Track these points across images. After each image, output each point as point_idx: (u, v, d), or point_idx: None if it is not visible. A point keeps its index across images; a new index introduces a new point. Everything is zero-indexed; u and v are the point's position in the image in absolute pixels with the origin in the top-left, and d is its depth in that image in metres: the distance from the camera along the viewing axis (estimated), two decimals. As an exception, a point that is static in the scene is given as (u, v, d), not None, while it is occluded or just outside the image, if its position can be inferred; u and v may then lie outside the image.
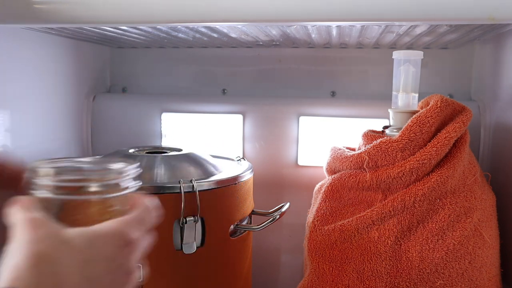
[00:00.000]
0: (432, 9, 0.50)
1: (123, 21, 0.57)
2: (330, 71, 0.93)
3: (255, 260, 0.75)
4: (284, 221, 0.90)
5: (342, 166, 0.69)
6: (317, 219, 0.67)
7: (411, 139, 0.62)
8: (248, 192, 0.67)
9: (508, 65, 0.74)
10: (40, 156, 0.79)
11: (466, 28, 0.67)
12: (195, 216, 0.57)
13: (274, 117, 0.90)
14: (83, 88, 0.93)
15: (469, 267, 0.61)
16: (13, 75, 0.72)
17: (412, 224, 0.61)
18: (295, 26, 0.68)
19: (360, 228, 0.63)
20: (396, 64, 0.69)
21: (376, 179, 0.63)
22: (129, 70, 1.01)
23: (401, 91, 0.68)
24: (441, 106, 0.63)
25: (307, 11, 0.53)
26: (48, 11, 0.57)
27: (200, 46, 0.94)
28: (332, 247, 0.65)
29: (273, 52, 0.94)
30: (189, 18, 0.56)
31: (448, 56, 0.89)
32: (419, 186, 0.61)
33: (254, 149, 0.91)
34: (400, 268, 0.61)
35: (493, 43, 0.80)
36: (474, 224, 0.62)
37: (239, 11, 0.54)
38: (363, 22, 0.57)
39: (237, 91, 0.97)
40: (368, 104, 0.87)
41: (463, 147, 0.63)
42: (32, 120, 0.77)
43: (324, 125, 0.88)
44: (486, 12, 0.50)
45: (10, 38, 0.71)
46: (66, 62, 0.87)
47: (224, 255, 0.62)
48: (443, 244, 0.60)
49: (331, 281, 0.64)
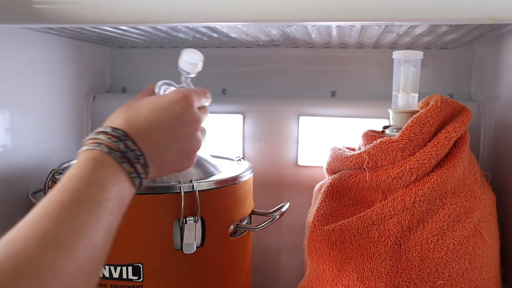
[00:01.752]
0: (432, 9, 0.50)
1: (123, 21, 0.57)
2: (330, 71, 0.93)
3: (255, 260, 0.75)
4: (284, 221, 0.90)
5: (342, 166, 0.69)
6: (317, 219, 0.67)
7: (411, 139, 0.62)
8: (248, 192, 0.67)
9: (508, 65, 0.74)
10: (40, 156, 0.79)
11: (466, 28, 0.66)
12: (195, 216, 0.57)
13: (274, 117, 0.90)
14: (83, 88, 0.93)
15: (469, 267, 0.61)
16: (13, 75, 0.72)
17: (412, 224, 0.61)
18: (295, 26, 0.68)
19: (360, 228, 0.63)
20: (396, 64, 0.69)
21: (376, 179, 0.64)
22: (129, 70, 1.01)
23: (401, 91, 0.68)
24: (441, 106, 0.63)
25: (307, 11, 0.53)
26: (48, 11, 0.57)
27: (200, 46, 0.93)
28: (332, 247, 0.65)
29: (273, 52, 0.94)
30: (189, 18, 0.56)
31: (448, 56, 0.89)
32: (419, 186, 0.61)
33: (254, 149, 0.91)
34: (400, 268, 0.61)
35: (493, 43, 0.80)
36: (474, 224, 0.62)
37: (239, 11, 0.54)
38: (363, 22, 0.57)
39: (237, 91, 0.97)
40: (368, 104, 0.87)
41: (463, 147, 0.63)
42: (32, 120, 0.77)
43: (324, 125, 0.88)
44: (486, 12, 0.50)
45: (10, 38, 0.71)
46: (66, 62, 0.87)
47: (224, 255, 0.62)
48: (443, 244, 0.60)
49: (331, 281, 0.64)
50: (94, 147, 0.39)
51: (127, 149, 0.40)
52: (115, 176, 0.38)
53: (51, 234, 0.30)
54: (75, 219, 0.32)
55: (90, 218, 0.33)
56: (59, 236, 0.30)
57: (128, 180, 0.40)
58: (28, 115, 0.76)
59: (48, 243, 0.30)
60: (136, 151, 0.40)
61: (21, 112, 0.74)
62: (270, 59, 0.95)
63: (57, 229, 0.31)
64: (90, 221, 0.33)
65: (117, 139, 0.40)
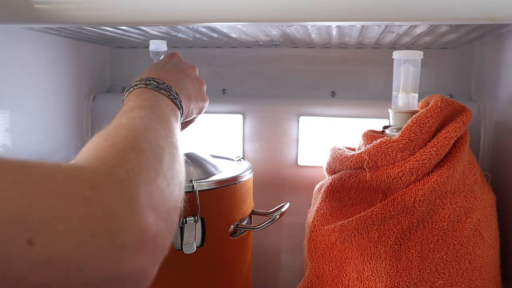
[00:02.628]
0: (432, 9, 0.50)
1: (123, 21, 0.58)
2: (330, 71, 0.93)
3: (255, 260, 0.75)
4: (284, 221, 0.90)
5: (342, 166, 0.69)
6: (317, 219, 0.67)
7: (411, 139, 0.62)
8: (248, 192, 0.67)
9: (508, 65, 0.74)
10: (40, 156, 0.79)
11: (466, 28, 0.66)
12: (195, 216, 0.57)
13: (274, 117, 0.90)
14: (83, 88, 0.93)
15: (469, 267, 0.61)
16: (13, 75, 0.72)
17: (412, 224, 0.61)
18: (295, 26, 0.68)
19: (360, 228, 0.63)
20: (396, 64, 0.69)
21: (376, 179, 0.64)
22: (129, 70, 1.01)
23: (401, 91, 0.68)
24: (441, 106, 0.63)
25: (307, 11, 0.53)
26: (48, 11, 0.57)
27: (200, 46, 0.94)
28: (332, 247, 0.65)
29: (273, 52, 0.94)
30: (189, 18, 0.56)
31: (448, 56, 0.89)
32: (419, 186, 0.61)
33: (254, 149, 0.91)
34: (400, 268, 0.61)
35: (493, 43, 0.80)
36: (474, 224, 0.62)
37: (239, 11, 0.54)
38: (363, 22, 0.57)
39: (237, 91, 0.97)
40: (368, 104, 0.87)
41: (463, 147, 0.63)
42: (32, 120, 0.77)
43: (324, 125, 0.88)
44: (486, 12, 0.50)
45: (10, 38, 0.71)
46: (66, 62, 0.87)
47: (224, 255, 0.62)
48: (443, 244, 0.60)
49: (331, 281, 0.64)
50: (133, 88, 0.49)
51: (158, 83, 0.50)
52: (160, 99, 0.47)
53: (147, 135, 0.36)
54: (157, 129, 0.38)
55: (162, 128, 0.40)
56: (154, 135, 0.36)
57: (171, 101, 0.49)
58: (28, 115, 0.76)
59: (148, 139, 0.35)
60: (165, 84, 0.50)
61: (21, 112, 0.74)
62: (270, 59, 0.95)
63: (148, 132, 0.37)
64: (162, 131, 0.39)
65: (148, 81, 0.50)
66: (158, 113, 0.42)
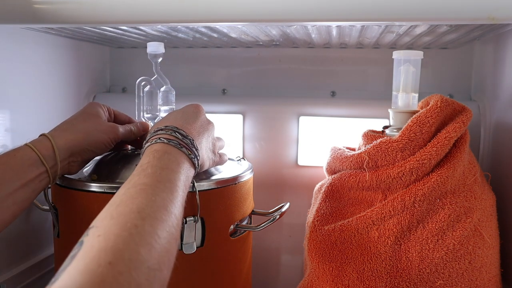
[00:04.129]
0: (432, 9, 0.50)
1: (123, 21, 0.58)
2: (330, 71, 0.93)
3: (255, 260, 0.75)
4: (284, 221, 0.90)
5: (342, 166, 0.69)
6: (317, 219, 0.67)
7: (411, 139, 0.62)
8: (248, 192, 0.67)
9: (508, 65, 0.74)
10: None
11: (466, 28, 0.67)
12: (195, 216, 0.57)
13: (274, 117, 0.90)
14: (83, 88, 0.93)
15: (469, 267, 0.61)
16: (13, 75, 0.72)
17: (412, 224, 0.61)
18: (295, 26, 0.68)
19: (360, 228, 0.63)
20: (396, 64, 0.69)
21: (376, 179, 0.64)
22: (129, 70, 1.01)
23: (401, 91, 0.68)
24: (441, 106, 0.63)
25: (307, 11, 0.53)
26: (48, 11, 0.57)
27: (200, 46, 0.94)
28: (332, 247, 0.65)
29: (273, 52, 0.94)
30: (189, 18, 0.56)
31: (448, 56, 0.89)
32: (419, 186, 0.61)
33: (254, 149, 0.91)
34: (400, 268, 0.61)
35: (493, 43, 0.80)
36: (474, 224, 0.62)
37: (239, 11, 0.54)
38: (363, 22, 0.57)
39: (237, 91, 0.97)
40: (368, 104, 0.87)
41: (463, 147, 0.63)
42: (32, 120, 0.77)
43: (324, 125, 0.88)
44: (486, 12, 0.50)
45: (10, 38, 0.71)
46: (66, 62, 0.87)
47: (224, 255, 0.62)
48: (443, 244, 0.60)
49: (331, 281, 0.64)
50: (156, 141, 0.49)
51: (182, 137, 0.50)
52: (177, 159, 0.48)
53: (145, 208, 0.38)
54: (158, 196, 0.40)
55: (167, 195, 0.41)
56: (152, 209, 0.38)
57: (189, 161, 0.50)
58: (28, 115, 0.76)
59: (146, 215, 0.37)
60: (188, 137, 0.51)
61: (21, 112, 0.74)
62: (270, 59, 0.95)
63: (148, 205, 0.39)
64: (168, 197, 0.41)
65: (172, 131, 0.51)
66: (171, 190, 0.43)
